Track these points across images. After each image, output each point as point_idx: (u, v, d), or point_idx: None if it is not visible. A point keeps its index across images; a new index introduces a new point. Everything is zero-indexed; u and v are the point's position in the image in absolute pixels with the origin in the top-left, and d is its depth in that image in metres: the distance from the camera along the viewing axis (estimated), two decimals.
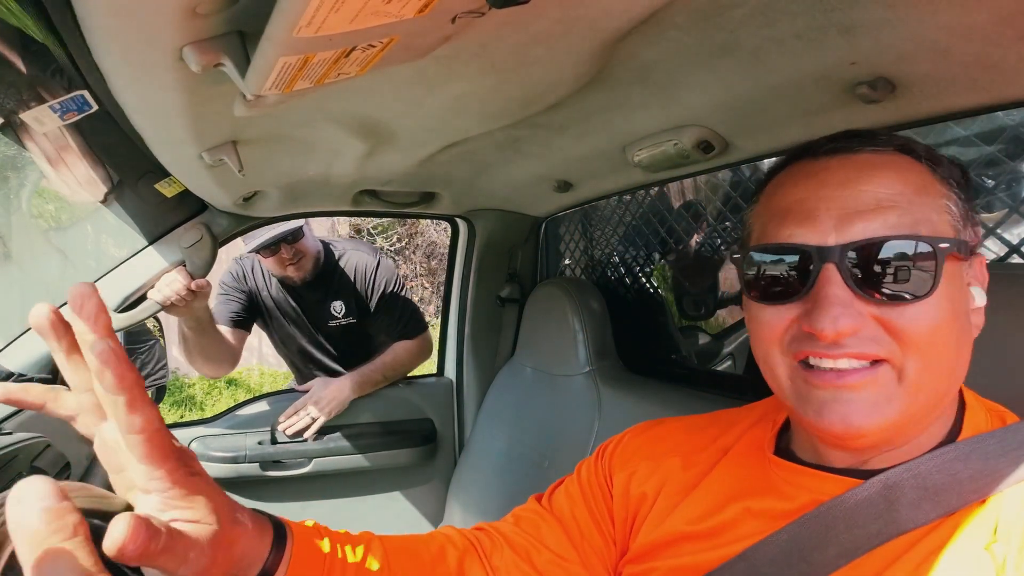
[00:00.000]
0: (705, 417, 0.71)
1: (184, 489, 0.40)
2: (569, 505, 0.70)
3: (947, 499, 0.48)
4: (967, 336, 0.51)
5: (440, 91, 0.73)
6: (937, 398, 0.50)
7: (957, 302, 0.49)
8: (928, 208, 0.49)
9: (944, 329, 0.48)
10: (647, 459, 0.68)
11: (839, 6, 0.56)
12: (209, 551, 0.40)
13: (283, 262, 1.79)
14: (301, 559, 0.51)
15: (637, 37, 0.64)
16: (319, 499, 1.73)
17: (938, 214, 0.49)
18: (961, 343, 0.50)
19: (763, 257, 0.53)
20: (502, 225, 1.75)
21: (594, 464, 0.73)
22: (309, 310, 1.94)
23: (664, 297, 1.67)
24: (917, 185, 0.50)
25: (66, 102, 0.75)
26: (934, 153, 0.52)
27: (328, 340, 1.98)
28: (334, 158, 1.07)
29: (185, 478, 0.40)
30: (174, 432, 1.65)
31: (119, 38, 0.50)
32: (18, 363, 1.28)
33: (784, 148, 0.94)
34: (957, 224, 0.50)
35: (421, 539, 0.65)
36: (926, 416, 0.51)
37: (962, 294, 0.50)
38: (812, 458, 0.57)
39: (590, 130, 0.98)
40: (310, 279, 1.86)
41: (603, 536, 0.68)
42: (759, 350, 0.55)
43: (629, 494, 0.67)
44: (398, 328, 1.85)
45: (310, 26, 0.42)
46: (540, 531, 0.68)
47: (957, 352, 0.50)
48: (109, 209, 1.31)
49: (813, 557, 0.51)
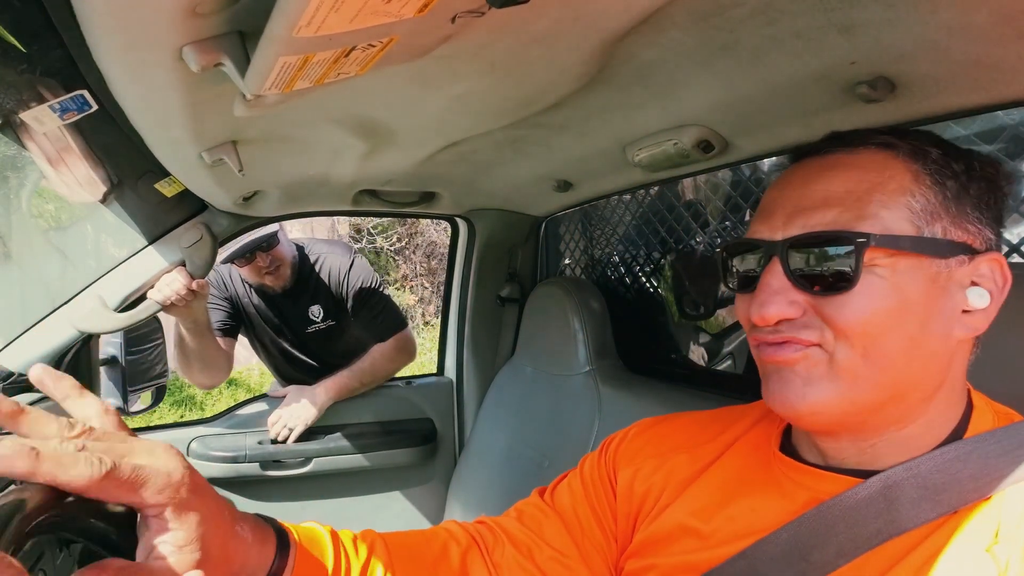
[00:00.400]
0: (711, 413, 0.71)
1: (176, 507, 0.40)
2: (571, 501, 0.70)
3: (947, 498, 0.48)
4: (937, 333, 0.50)
5: (440, 91, 0.73)
6: (887, 388, 0.50)
7: (912, 297, 0.49)
8: (877, 205, 0.50)
9: (881, 320, 0.48)
10: (652, 456, 0.68)
11: (839, 6, 0.56)
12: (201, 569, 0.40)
13: (259, 270, 1.76)
14: (304, 565, 0.51)
15: (637, 37, 0.64)
16: (319, 499, 1.73)
17: (890, 210, 0.49)
18: (922, 338, 0.49)
19: (733, 251, 0.59)
20: (502, 225, 1.75)
21: (598, 459, 0.72)
22: (288, 316, 1.91)
23: (664, 297, 1.67)
24: (872, 183, 0.50)
25: (65, 102, 0.75)
26: (921, 149, 0.52)
27: (309, 344, 1.95)
28: (334, 158, 1.07)
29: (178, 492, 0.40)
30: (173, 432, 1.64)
31: (119, 38, 0.50)
32: (19, 362, 1.28)
33: (784, 148, 0.94)
34: (918, 221, 0.49)
35: (424, 536, 0.65)
36: (883, 407, 0.51)
37: (928, 289, 0.49)
38: (814, 457, 0.57)
39: (590, 130, 0.98)
40: (289, 286, 1.82)
41: (604, 532, 0.68)
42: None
43: (633, 491, 0.67)
44: (372, 329, 1.82)
45: (310, 26, 0.42)
46: (542, 527, 0.68)
47: (913, 346, 0.49)
48: (109, 209, 1.31)
49: (813, 556, 0.51)
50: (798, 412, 0.52)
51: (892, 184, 0.50)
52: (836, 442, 0.55)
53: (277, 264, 1.77)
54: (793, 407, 0.52)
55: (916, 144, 0.52)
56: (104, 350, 1.54)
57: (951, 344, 0.51)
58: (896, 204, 0.50)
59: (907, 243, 0.49)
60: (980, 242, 0.51)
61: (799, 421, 0.55)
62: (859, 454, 0.54)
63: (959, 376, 0.53)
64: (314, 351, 1.97)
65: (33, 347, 1.31)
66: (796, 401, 0.51)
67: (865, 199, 0.50)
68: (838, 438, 0.54)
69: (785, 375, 0.52)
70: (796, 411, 0.52)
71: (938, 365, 0.51)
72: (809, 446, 0.58)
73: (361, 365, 1.74)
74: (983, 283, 0.51)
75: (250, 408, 1.71)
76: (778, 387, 0.52)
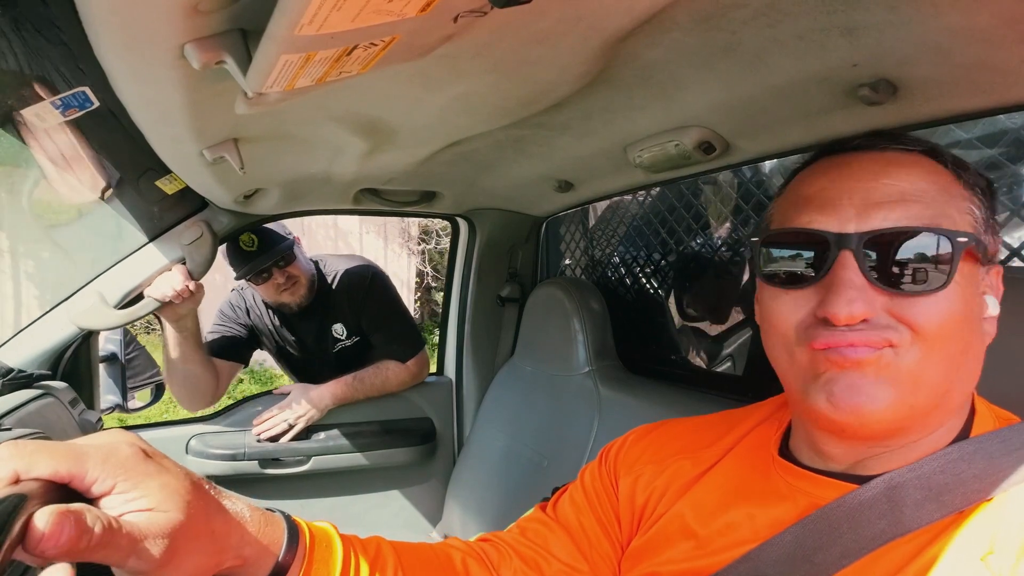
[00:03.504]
0: (708, 417, 0.71)
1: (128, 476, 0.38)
2: (576, 514, 0.69)
3: (951, 499, 0.48)
4: (978, 341, 0.51)
5: (441, 90, 0.73)
6: (939, 396, 0.50)
7: (971, 303, 0.49)
8: (950, 207, 0.50)
9: (953, 325, 0.48)
10: (652, 462, 0.68)
11: (841, 8, 0.56)
12: (172, 540, 0.38)
13: (277, 288, 1.72)
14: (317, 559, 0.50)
15: (639, 37, 0.64)
16: (318, 497, 1.73)
17: (960, 214, 0.50)
18: (970, 345, 0.50)
19: (781, 242, 0.54)
20: (503, 224, 1.75)
21: (598, 469, 0.72)
22: (312, 336, 1.87)
23: (664, 297, 1.67)
24: (941, 184, 0.50)
25: (67, 98, 0.75)
26: (960, 160, 0.53)
27: (337, 362, 1.89)
28: (335, 156, 1.07)
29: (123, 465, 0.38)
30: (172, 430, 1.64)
31: (121, 35, 0.50)
32: (18, 359, 1.28)
33: (785, 149, 0.94)
34: (979, 227, 0.50)
35: (430, 549, 0.64)
36: (928, 414, 0.51)
37: (977, 298, 0.50)
38: (811, 461, 0.57)
39: (591, 130, 0.98)
40: (306, 304, 1.78)
41: (612, 542, 0.68)
42: (771, 339, 0.55)
43: (635, 498, 0.67)
44: (389, 352, 1.78)
45: (312, 24, 0.42)
46: (547, 541, 0.67)
47: (964, 352, 0.50)
48: (110, 206, 1.31)
49: (817, 558, 0.51)
50: (864, 419, 0.49)
51: (955, 189, 0.51)
52: (852, 446, 0.54)
53: (293, 280, 1.72)
54: (860, 413, 0.48)
55: (956, 157, 0.53)
56: (104, 347, 1.54)
57: (982, 352, 0.52)
58: (964, 209, 0.50)
59: (983, 250, 0.49)
60: (996, 252, 0.54)
61: (860, 429, 0.50)
62: (867, 459, 0.53)
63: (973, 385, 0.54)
64: (342, 368, 1.84)
65: (33, 343, 1.31)
66: (866, 406, 0.48)
67: (940, 200, 0.49)
68: (861, 444, 0.53)
69: (853, 379, 0.48)
70: (862, 418, 0.48)
71: (974, 371, 0.52)
72: (808, 451, 0.58)
73: (372, 378, 1.72)
74: (991, 292, 0.53)
75: (249, 406, 1.71)
76: (845, 392, 0.48)
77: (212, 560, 0.43)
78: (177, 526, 0.39)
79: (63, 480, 0.36)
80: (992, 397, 0.56)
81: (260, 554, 0.47)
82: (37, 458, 0.35)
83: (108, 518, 0.35)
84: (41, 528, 0.32)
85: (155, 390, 1.69)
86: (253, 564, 0.46)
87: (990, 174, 1.00)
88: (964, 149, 1.05)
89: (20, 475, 0.34)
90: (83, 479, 0.37)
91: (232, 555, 0.45)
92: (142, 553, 0.37)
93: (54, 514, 0.32)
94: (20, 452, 0.35)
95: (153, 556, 0.37)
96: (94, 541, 0.34)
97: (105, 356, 1.54)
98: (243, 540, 0.46)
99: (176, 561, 0.39)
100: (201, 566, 0.41)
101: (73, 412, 1.24)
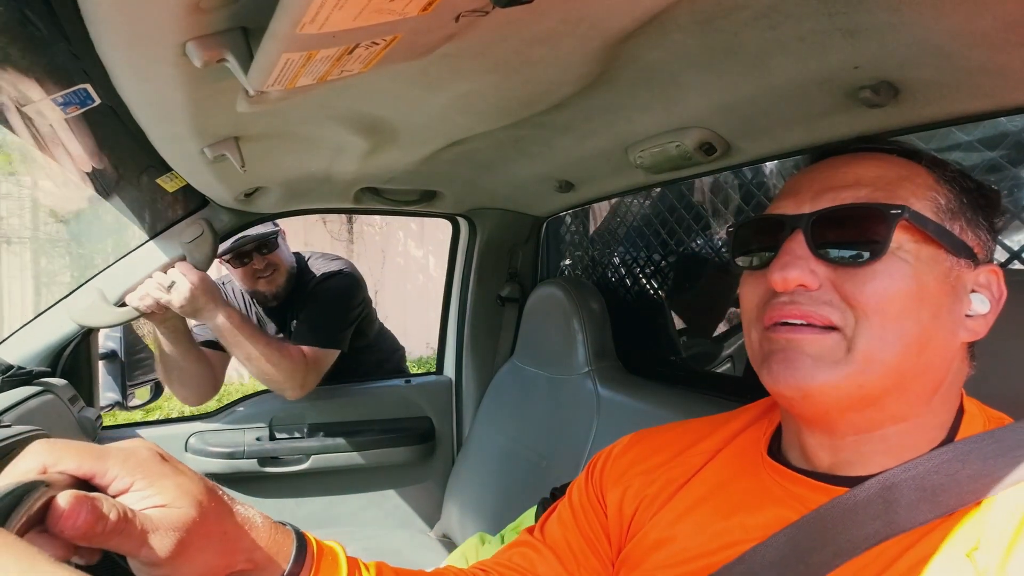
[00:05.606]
0: (700, 420, 0.71)
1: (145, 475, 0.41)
2: (562, 532, 0.69)
3: (945, 499, 0.48)
4: (947, 331, 0.51)
5: (443, 90, 0.73)
6: (894, 377, 0.50)
7: (928, 287, 0.50)
8: (905, 191, 0.51)
9: (900, 301, 0.49)
10: (640, 473, 0.67)
11: (843, 10, 0.56)
12: (181, 535, 0.41)
13: (254, 274, 1.67)
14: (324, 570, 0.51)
15: (640, 38, 0.64)
16: (316, 495, 1.73)
17: (918, 200, 0.51)
18: (933, 332, 0.50)
19: (746, 227, 0.58)
20: (503, 224, 1.75)
21: (585, 484, 0.71)
22: (286, 333, 1.81)
23: (664, 298, 1.67)
24: (903, 174, 0.53)
25: (68, 95, 0.75)
26: (939, 160, 0.55)
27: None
28: (336, 155, 1.07)
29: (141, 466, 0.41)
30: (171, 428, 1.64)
31: (122, 33, 0.50)
32: (18, 355, 1.28)
33: (786, 151, 0.94)
34: (941, 215, 0.52)
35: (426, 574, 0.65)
36: (883, 397, 0.51)
37: (942, 284, 0.51)
38: (798, 461, 0.57)
39: (592, 131, 0.98)
40: (283, 296, 1.73)
41: (600, 558, 0.67)
42: (744, 326, 0.57)
43: (623, 511, 0.66)
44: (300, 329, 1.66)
45: (314, 23, 0.42)
46: (534, 565, 0.67)
47: (923, 337, 0.50)
48: (110, 203, 1.31)
49: (812, 558, 0.51)
50: (806, 392, 0.50)
51: (919, 179, 0.53)
52: (830, 439, 0.54)
53: (272, 268, 1.70)
54: (799, 386, 0.50)
55: (935, 156, 0.55)
56: (104, 344, 1.54)
57: (954, 345, 0.52)
58: (924, 196, 0.52)
59: (932, 228, 0.50)
60: (984, 252, 0.54)
61: (804, 402, 0.52)
62: (850, 456, 0.53)
63: (956, 382, 0.54)
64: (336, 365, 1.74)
65: (33, 340, 1.32)
66: (805, 380, 0.50)
67: (896, 184, 0.52)
68: (833, 434, 0.54)
69: (792, 354, 0.50)
70: (803, 390, 0.50)
71: (941, 362, 0.52)
72: (798, 452, 0.58)
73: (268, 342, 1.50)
74: (982, 291, 0.53)
75: (248, 404, 1.71)
76: (782, 365, 0.51)
77: (223, 560, 0.44)
78: (189, 522, 0.41)
79: (86, 476, 0.40)
80: (992, 398, 0.56)
81: (270, 560, 0.48)
82: (64, 454, 0.39)
83: (124, 507, 0.38)
84: (62, 507, 0.35)
85: (154, 388, 1.69)
86: (263, 569, 0.48)
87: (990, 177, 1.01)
88: (965, 151, 1.05)
89: (47, 468, 0.38)
90: (104, 476, 0.40)
91: (243, 558, 0.46)
92: (154, 543, 0.39)
93: (74, 496, 0.35)
94: (49, 448, 0.39)
95: (165, 547, 0.40)
96: (109, 527, 0.36)
97: (105, 353, 1.54)
98: (254, 545, 0.47)
99: (187, 555, 0.41)
100: (212, 565, 0.43)
101: (72, 409, 1.24)
